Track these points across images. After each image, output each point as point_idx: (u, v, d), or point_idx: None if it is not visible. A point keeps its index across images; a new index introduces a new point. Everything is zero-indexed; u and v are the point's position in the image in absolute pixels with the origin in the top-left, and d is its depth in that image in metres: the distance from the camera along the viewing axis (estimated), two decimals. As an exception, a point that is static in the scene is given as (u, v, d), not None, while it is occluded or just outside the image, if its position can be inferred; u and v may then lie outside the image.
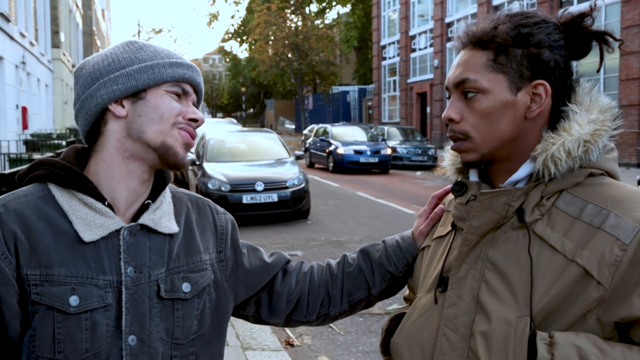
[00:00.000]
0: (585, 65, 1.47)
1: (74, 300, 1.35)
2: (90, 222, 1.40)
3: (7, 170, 9.73)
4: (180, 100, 1.49)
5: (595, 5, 1.41)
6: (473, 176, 1.49)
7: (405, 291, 1.80)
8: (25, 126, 22.05)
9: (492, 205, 1.37)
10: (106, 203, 1.43)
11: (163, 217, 1.51)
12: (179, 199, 1.62)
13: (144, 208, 1.50)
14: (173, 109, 1.47)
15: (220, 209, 1.72)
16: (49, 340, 1.33)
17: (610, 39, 1.42)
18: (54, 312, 1.34)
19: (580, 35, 1.40)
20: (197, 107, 1.55)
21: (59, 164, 1.44)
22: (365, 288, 1.74)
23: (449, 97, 1.46)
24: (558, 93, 1.40)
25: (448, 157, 1.59)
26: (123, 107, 1.45)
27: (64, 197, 1.41)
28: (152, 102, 1.45)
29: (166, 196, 1.56)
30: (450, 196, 1.64)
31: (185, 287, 1.51)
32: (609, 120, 1.39)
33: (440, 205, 1.69)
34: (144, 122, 1.45)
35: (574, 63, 1.44)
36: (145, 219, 1.47)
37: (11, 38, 19.91)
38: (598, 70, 1.54)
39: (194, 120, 1.50)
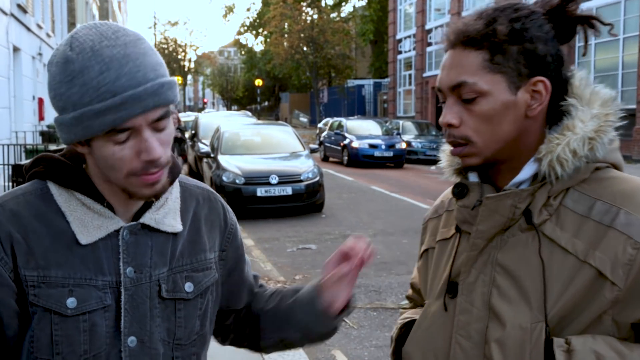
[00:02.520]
0: (604, 60, 1.42)
1: (71, 302, 1.31)
2: (87, 223, 1.35)
3: (24, 161, 9.81)
4: (129, 139, 1.27)
5: None
6: (473, 177, 1.44)
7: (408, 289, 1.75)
8: (41, 117, 22.18)
9: (499, 208, 1.33)
10: (105, 204, 1.37)
11: (167, 215, 1.44)
12: (190, 192, 1.54)
13: (147, 205, 1.43)
14: (119, 160, 1.28)
15: (230, 209, 1.65)
16: (47, 342, 1.31)
17: (598, 23, 1.37)
18: (52, 314, 1.30)
19: (564, 20, 1.35)
20: (167, 117, 1.31)
21: (58, 161, 1.38)
22: (289, 331, 1.62)
23: (443, 101, 1.39)
24: (555, 86, 1.34)
25: (445, 158, 1.52)
26: (83, 146, 1.32)
27: (62, 197, 1.36)
28: (98, 152, 1.29)
29: (173, 192, 1.48)
30: (450, 194, 1.54)
31: (188, 286, 1.46)
32: (612, 115, 1.34)
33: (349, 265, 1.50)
34: (103, 168, 1.32)
35: (592, 57, 1.40)
36: (147, 218, 1.41)
37: (28, 29, 20.02)
38: (584, 54, 1.51)
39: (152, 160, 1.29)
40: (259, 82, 66.77)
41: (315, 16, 49.17)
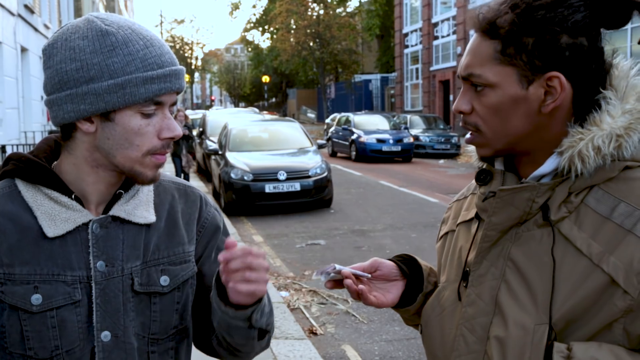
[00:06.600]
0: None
1: (35, 299, 1.31)
2: (55, 216, 1.34)
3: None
4: (155, 113, 1.35)
5: None
6: (499, 164, 1.37)
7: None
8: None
9: (514, 201, 1.26)
10: (73, 196, 1.37)
11: (138, 207, 1.43)
12: (164, 187, 1.52)
13: (116, 198, 1.42)
14: (144, 135, 1.33)
15: (211, 202, 1.61)
16: (18, 337, 1.32)
17: None
18: (18, 311, 1.31)
19: (615, 4, 1.22)
20: (173, 106, 1.40)
21: (25, 158, 1.39)
22: None
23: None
24: (582, 80, 1.23)
25: None
26: (92, 122, 1.33)
27: (29, 192, 1.36)
28: (122, 126, 1.32)
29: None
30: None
31: (164, 280, 1.44)
32: None
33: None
34: (113, 146, 1.34)
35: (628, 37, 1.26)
36: (117, 210, 1.40)
37: (35, 30, 20.09)
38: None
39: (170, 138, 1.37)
40: (266, 78, 66.74)
41: (322, 12, 49.12)
